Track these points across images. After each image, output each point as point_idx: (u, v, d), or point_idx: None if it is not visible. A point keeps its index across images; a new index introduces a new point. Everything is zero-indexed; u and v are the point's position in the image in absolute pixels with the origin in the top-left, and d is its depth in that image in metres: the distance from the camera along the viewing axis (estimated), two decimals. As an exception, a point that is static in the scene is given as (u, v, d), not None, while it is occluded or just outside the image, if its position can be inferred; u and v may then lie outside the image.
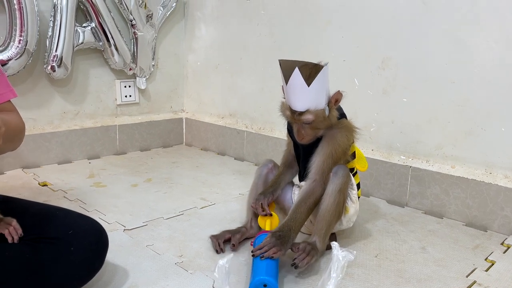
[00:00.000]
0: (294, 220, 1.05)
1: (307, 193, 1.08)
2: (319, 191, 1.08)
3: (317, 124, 1.05)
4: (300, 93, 1.01)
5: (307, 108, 1.02)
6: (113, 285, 0.97)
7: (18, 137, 1.02)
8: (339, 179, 1.06)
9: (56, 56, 1.73)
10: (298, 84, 1.00)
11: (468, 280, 1.04)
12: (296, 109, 1.03)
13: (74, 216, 0.95)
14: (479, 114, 1.34)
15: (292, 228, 1.03)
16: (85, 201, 1.45)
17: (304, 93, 1.01)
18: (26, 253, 0.83)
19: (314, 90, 1.00)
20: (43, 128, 1.84)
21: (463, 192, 1.37)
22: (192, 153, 2.16)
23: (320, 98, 1.03)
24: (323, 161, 1.08)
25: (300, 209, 1.06)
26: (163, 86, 2.23)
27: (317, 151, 1.09)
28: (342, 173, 1.07)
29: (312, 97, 1.01)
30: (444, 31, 1.38)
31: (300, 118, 1.03)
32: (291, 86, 1.01)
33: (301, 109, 1.02)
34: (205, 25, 2.15)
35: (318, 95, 1.02)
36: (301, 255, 1.02)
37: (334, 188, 1.06)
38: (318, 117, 1.03)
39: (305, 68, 1.01)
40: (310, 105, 1.02)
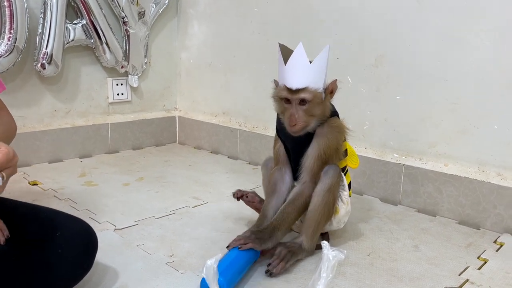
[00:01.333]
0: (280, 219, 1.04)
1: (296, 194, 1.08)
2: (308, 193, 1.07)
3: (313, 108, 1.02)
4: (301, 69, 1.00)
5: (306, 86, 1.00)
6: (103, 285, 0.95)
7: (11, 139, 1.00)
8: (329, 179, 1.05)
9: (46, 54, 1.71)
10: (299, 60, 0.99)
11: (461, 279, 1.03)
12: (295, 86, 1.00)
13: (63, 218, 0.93)
14: (472, 112, 1.34)
15: (277, 227, 1.03)
16: (75, 201, 1.44)
17: (305, 70, 1.00)
18: (13, 255, 0.82)
19: (314, 67, 1.00)
20: (34, 126, 1.82)
21: (456, 190, 1.37)
22: (185, 152, 2.14)
23: (319, 78, 1.02)
24: (314, 162, 1.06)
25: (288, 209, 1.06)
26: (155, 84, 2.21)
27: (307, 153, 1.07)
28: (333, 173, 1.06)
29: (312, 74, 1.00)
30: (437, 29, 1.37)
31: (298, 95, 1.00)
32: (292, 63, 1.00)
33: (300, 85, 1.00)
34: (198, 22, 2.14)
35: (318, 74, 1.01)
36: (275, 261, 1.02)
37: (323, 188, 1.05)
38: (316, 98, 1.01)
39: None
40: (310, 82, 1.00)
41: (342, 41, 1.60)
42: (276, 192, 1.14)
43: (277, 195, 1.14)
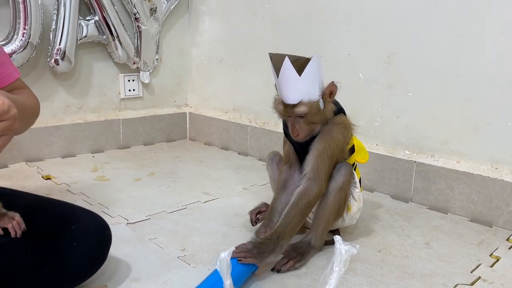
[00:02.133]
0: (284, 226, 0.99)
1: (300, 194, 1.03)
2: (314, 190, 1.02)
3: (312, 117, 1.00)
4: (292, 84, 0.97)
5: (299, 100, 0.98)
6: (116, 279, 0.97)
7: (33, 114, 1.00)
8: (341, 177, 1.05)
9: (60, 50, 1.73)
10: (289, 75, 0.96)
11: (473, 276, 1.03)
12: (288, 101, 0.99)
13: (78, 211, 0.94)
14: (485, 109, 1.33)
15: (281, 235, 0.97)
16: (88, 195, 1.46)
17: (295, 84, 0.97)
18: (29, 248, 0.83)
19: (305, 80, 0.96)
20: (47, 121, 1.84)
21: (468, 187, 1.36)
22: (195, 148, 2.15)
23: (313, 89, 0.99)
24: (317, 157, 1.03)
25: (292, 213, 1.01)
26: (166, 80, 2.22)
27: (311, 148, 1.05)
28: (345, 171, 1.06)
29: (304, 88, 0.97)
30: (450, 25, 1.36)
31: (293, 110, 0.99)
32: (282, 78, 0.97)
33: (294, 101, 0.98)
34: (209, 19, 2.14)
35: (310, 86, 0.98)
36: (283, 260, 1.02)
37: (335, 186, 1.05)
38: (312, 109, 0.99)
39: (296, 58, 0.98)
40: (303, 96, 0.98)
41: (354, 38, 1.59)
42: (285, 189, 1.13)
43: (287, 191, 1.12)
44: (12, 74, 0.99)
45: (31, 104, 0.98)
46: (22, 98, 0.92)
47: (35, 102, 1.02)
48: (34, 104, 1.00)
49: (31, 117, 1.00)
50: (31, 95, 1.01)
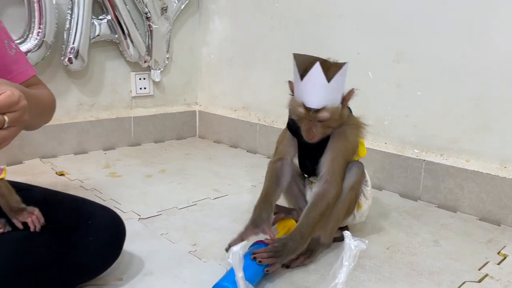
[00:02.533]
0: (306, 225, 1.00)
1: (319, 195, 1.04)
2: (332, 192, 1.03)
3: (331, 122, 1.00)
4: (318, 89, 0.95)
5: (324, 105, 0.96)
6: (129, 273, 0.99)
7: (48, 110, 1.01)
8: (352, 177, 1.06)
9: (73, 48, 1.76)
10: (317, 80, 0.94)
11: (480, 273, 1.04)
12: (312, 106, 0.97)
13: (94, 206, 0.97)
14: (495, 107, 1.33)
15: (304, 235, 1.00)
16: (101, 191, 1.48)
17: (322, 90, 0.95)
18: (47, 242, 0.85)
19: (333, 87, 0.95)
20: (60, 119, 1.87)
21: (477, 186, 1.37)
22: (205, 146, 2.18)
23: (337, 96, 0.99)
24: (333, 160, 1.04)
25: (312, 214, 1.02)
26: (177, 79, 2.25)
27: (327, 150, 1.05)
28: (356, 171, 1.07)
29: (331, 94, 0.96)
30: (460, 23, 1.37)
31: (316, 115, 0.97)
32: (309, 82, 0.95)
33: (318, 106, 0.96)
34: (219, 18, 2.16)
35: (335, 92, 0.98)
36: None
37: (346, 185, 1.06)
38: (334, 115, 0.99)
39: (325, 63, 0.96)
40: (328, 102, 0.97)
41: (363, 36, 1.60)
42: (280, 185, 1.11)
43: (280, 188, 1.12)
44: (27, 71, 1.00)
45: (46, 99, 0.99)
46: (35, 92, 0.93)
47: (51, 98, 1.02)
48: (49, 100, 1.01)
49: (47, 113, 1.01)
50: (46, 91, 1.02)
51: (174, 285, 0.95)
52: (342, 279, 0.68)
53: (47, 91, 1.03)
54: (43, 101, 0.97)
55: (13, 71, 0.96)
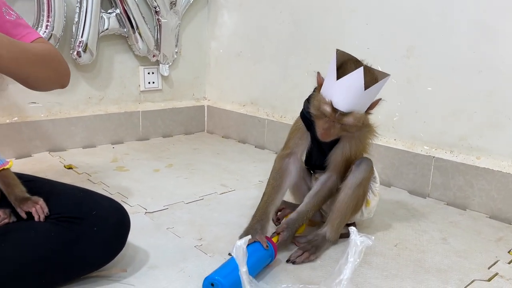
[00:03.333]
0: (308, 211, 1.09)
1: (324, 186, 1.10)
2: (334, 187, 1.09)
3: (351, 127, 0.99)
4: (353, 94, 0.93)
5: (352, 110, 0.95)
6: (134, 265, 0.99)
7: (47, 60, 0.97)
8: (361, 173, 1.05)
9: (82, 42, 1.76)
10: (355, 84, 0.92)
11: (490, 272, 1.02)
12: (340, 108, 0.94)
13: (98, 198, 0.97)
14: (507, 104, 1.31)
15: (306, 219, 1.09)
16: (108, 184, 1.49)
17: (357, 96, 0.93)
18: (51, 232, 0.86)
19: (367, 95, 0.94)
20: (69, 112, 1.88)
21: (488, 184, 1.34)
22: (213, 141, 2.17)
23: (367, 104, 0.97)
24: (342, 161, 1.07)
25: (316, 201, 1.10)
26: (185, 73, 2.24)
27: (337, 150, 1.06)
28: (365, 167, 1.06)
29: (362, 101, 0.95)
30: (471, 19, 1.34)
31: (341, 118, 0.95)
32: (345, 84, 0.92)
33: (347, 110, 0.94)
34: (228, 12, 2.15)
35: (368, 100, 0.96)
36: (298, 252, 1.04)
37: (355, 182, 1.05)
38: (358, 122, 0.97)
39: (367, 70, 0.94)
40: (356, 108, 0.95)
41: (373, 31, 1.58)
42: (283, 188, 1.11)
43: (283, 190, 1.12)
44: (30, 34, 0.99)
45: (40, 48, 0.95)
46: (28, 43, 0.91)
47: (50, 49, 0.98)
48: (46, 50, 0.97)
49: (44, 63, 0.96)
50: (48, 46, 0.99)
51: (178, 279, 0.95)
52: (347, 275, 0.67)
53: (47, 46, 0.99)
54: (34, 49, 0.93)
55: (15, 36, 0.95)
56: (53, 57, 1.00)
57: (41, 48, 0.97)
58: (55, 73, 1.01)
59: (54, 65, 1.00)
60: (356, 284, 0.95)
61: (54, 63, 1.00)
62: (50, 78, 1.00)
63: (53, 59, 1.00)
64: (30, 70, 0.93)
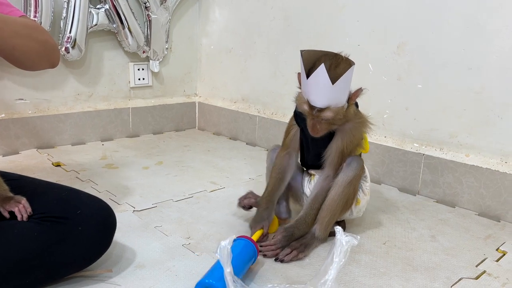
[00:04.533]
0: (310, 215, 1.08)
1: (322, 189, 1.09)
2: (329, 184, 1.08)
3: (335, 121, 1.01)
4: (323, 90, 0.95)
5: (328, 105, 0.97)
6: (120, 264, 0.98)
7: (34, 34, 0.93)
8: (352, 171, 1.05)
9: (70, 38, 1.74)
10: (321, 81, 0.94)
11: (478, 270, 1.02)
12: (316, 105, 0.97)
13: (83, 197, 0.95)
14: (496, 101, 1.31)
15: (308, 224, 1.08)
16: (96, 182, 1.47)
17: (327, 91, 0.95)
18: (35, 231, 0.84)
19: (338, 89, 0.95)
20: (57, 109, 1.86)
21: (477, 181, 1.35)
22: (204, 137, 2.16)
23: (342, 96, 0.98)
24: (338, 157, 1.06)
25: (315, 205, 1.08)
26: (176, 70, 2.22)
27: (331, 145, 1.06)
28: (356, 166, 1.06)
29: (335, 95, 0.96)
30: (462, 16, 1.34)
31: (319, 114, 0.98)
32: (314, 82, 0.95)
33: (322, 106, 0.97)
34: (219, 8, 2.13)
35: (341, 93, 0.97)
36: (286, 250, 1.03)
37: (345, 180, 1.05)
38: (338, 115, 0.99)
39: (331, 64, 0.96)
40: (332, 102, 0.97)
41: (363, 28, 1.58)
42: (283, 181, 1.15)
43: (284, 183, 1.15)
44: (13, 12, 0.95)
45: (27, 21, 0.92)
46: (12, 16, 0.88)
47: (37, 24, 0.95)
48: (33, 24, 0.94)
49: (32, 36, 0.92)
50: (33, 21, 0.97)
51: (166, 278, 0.94)
52: (332, 275, 0.67)
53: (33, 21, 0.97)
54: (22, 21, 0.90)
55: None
56: (40, 31, 0.96)
57: (26, 21, 0.93)
58: (42, 47, 0.96)
59: (41, 38, 0.95)
60: (344, 282, 0.95)
61: (40, 35, 0.95)
62: (38, 52, 0.95)
63: (39, 32, 0.95)
64: (16, 41, 0.88)
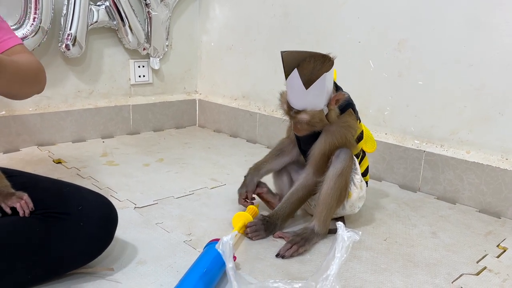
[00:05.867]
0: (283, 209, 1.12)
1: (300, 185, 1.13)
2: (312, 184, 1.11)
3: (313, 123, 1.04)
4: (298, 94, 0.99)
5: (304, 108, 1.01)
6: (122, 261, 0.98)
7: (32, 76, 0.98)
8: (341, 163, 1.05)
9: (71, 35, 1.74)
10: (296, 85, 0.97)
11: (478, 266, 1.02)
12: (294, 107, 1.02)
13: (84, 192, 0.96)
14: (497, 98, 1.31)
15: (280, 217, 1.12)
16: (97, 179, 1.47)
17: (301, 95, 0.99)
18: (37, 227, 0.84)
19: (311, 94, 0.98)
20: (58, 106, 1.86)
21: (477, 178, 1.35)
22: (204, 135, 2.16)
23: (318, 101, 1.00)
24: (319, 157, 1.08)
25: (291, 200, 1.13)
26: (176, 67, 2.22)
27: (314, 147, 1.09)
28: (344, 157, 1.06)
29: (310, 99, 1.00)
30: (462, 12, 1.34)
31: (295, 116, 1.02)
32: (290, 85, 0.99)
33: (298, 108, 1.01)
34: (219, 5, 2.13)
35: (316, 98, 1.00)
36: (287, 245, 1.04)
37: (335, 172, 1.05)
38: (314, 118, 1.02)
39: (306, 69, 0.97)
40: (307, 106, 1.00)
41: (364, 25, 1.57)
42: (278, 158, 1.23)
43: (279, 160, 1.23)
44: (11, 39, 0.99)
45: (28, 65, 0.96)
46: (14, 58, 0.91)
47: (35, 64, 0.99)
48: (33, 66, 0.98)
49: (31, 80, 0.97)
50: (31, 58, 1.00)
51: (167, 275, 0.94)
52: (333, 270, 0.67)
53: (32, 59, 1.00)
54: (25, 67, 0.94)
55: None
56: (40, 73, 1.01)
57: (31, 67, 0.97)
58: (39, 87, 1.03)
59: (39, 79, 1.02)
60: (345, 279, 0.95)
61: (39, 78, 1.02)
62: (33, 92, 1.03)
63: (40, 74, 1.01)
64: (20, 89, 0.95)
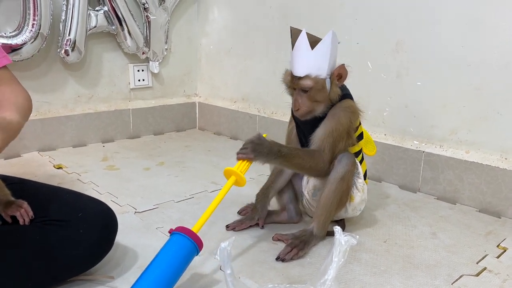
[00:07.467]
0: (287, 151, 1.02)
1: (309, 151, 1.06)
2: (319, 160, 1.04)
3: (315, 94, 1.03)
4: (303, 57, 1.01)
5: (307, 74, 1.01)
6: (123, 266, 0.99)
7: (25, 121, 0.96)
8: (343, 167, 1.05)
9: (70, 40, 1.74)
10: (302, 47, 1.01)
11: (479, 267, 1.02)
12: (296, 73, 1.03)
13: (84, 199, 0.96)
14: (496, 98, 1.31)
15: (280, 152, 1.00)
16: (98, 184, 1.48)
17: (306, 57, 1.01)
18: (37, 235, 0.85)
19: (317, 54, 1.01)
20: (58, 111, 1.86)
21: (477, 177, 1.35)
22: (204, 137, 2.16)
23: (322, 65, 1.02)
24: (323, 137, 1.04)
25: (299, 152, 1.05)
26: (176, 70, 2.23)
27: (318, 128, 1.06)
28: (347, 161, 1.06)
29: (314, 62, 1.01)
30: (460, 12, 1.34)
31: (299, 82, 1.02)
32: (296, 50, 1.03)
33: (301, 73, 1.02)
34: (218, 8, 2.14)
35: (320, 61, 1.01)
36: (286, 249, 1.04)
37: (336, 176, 1.05)
38: (317, 85, 1.02)
39: (313, 36, 1.03)
40: (311, 71, 1.01)
41: (362, 26, 1.57)
42: (282, 174, 1.19)
43: (283, 177, 1.20)
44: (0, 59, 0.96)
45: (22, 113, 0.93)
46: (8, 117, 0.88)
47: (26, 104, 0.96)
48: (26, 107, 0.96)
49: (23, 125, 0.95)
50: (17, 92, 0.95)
51: (167, 279, 0.94)
52: (331, 275, 0.67)
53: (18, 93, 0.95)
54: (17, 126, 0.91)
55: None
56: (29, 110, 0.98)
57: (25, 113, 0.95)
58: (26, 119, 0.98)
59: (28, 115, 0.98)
60: (345, 281, 0.95)
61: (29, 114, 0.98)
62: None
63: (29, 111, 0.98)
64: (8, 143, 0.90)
